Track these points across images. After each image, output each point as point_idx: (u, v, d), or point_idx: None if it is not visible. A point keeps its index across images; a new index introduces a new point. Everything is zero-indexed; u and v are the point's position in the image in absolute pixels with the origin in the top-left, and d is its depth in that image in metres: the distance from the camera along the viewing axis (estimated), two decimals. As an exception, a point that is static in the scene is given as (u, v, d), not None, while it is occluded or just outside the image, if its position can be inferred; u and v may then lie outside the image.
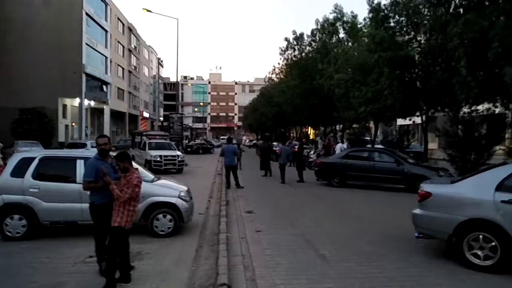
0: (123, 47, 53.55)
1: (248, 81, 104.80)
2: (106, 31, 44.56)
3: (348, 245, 6.67)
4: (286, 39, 31.34)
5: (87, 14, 38.04)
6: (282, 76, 39.53)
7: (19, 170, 6.81)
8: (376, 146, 20.72)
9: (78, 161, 6.96)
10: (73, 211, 6.74)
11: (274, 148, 25.22)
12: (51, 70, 34.07)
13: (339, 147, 20.44)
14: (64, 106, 37.72)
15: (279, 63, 39.06)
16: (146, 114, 67.14)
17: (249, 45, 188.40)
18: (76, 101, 37.76)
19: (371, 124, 23.06)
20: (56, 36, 34.98)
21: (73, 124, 39.17)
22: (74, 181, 6.81)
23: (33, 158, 6.95)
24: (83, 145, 24.58)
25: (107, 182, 4.69)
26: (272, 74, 45.09)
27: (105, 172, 4.74)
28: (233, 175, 13.78)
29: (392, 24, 17.56)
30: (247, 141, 67.32)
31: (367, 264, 5.64)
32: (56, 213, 6.78)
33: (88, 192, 5.13)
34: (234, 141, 16.96)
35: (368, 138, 24.20)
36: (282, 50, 32.19)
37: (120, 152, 4.99)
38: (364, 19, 23.80)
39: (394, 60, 16.44)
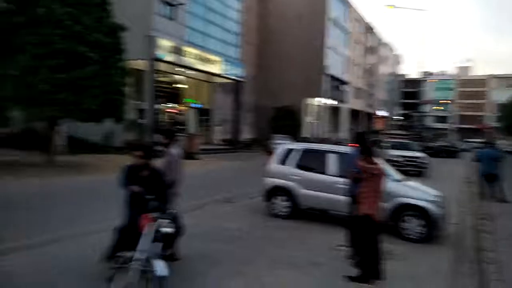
0: (362, 46, 54.52)
1: (507, 74, 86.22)
2: (346, 32, 46.54)
3: None
4: None
5: (331, 20, 40.79)
6: None
7: (285, 159, 8.00)
8: None
9: (330, 155, 7.54)
10: (325, 200, 7.36)
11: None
12: (298, 73, 38.70)
13: None
14: (308, 105, 41.99)
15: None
16: (381, 113, 66.19)
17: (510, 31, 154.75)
18: (318, 101, 41.29)
19: None
20: (304, 44, 39.35)
21: (315, 121, 43.06)
22: (324, 173, 7.44)
23: (297, 150, 8.01)
24: None
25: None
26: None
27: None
28: (490, 186, 11.53)
29: None
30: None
31: None
32: (312, 200, 7.57)
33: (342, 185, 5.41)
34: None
35: None
36: None
37: None
38: None
39: None
